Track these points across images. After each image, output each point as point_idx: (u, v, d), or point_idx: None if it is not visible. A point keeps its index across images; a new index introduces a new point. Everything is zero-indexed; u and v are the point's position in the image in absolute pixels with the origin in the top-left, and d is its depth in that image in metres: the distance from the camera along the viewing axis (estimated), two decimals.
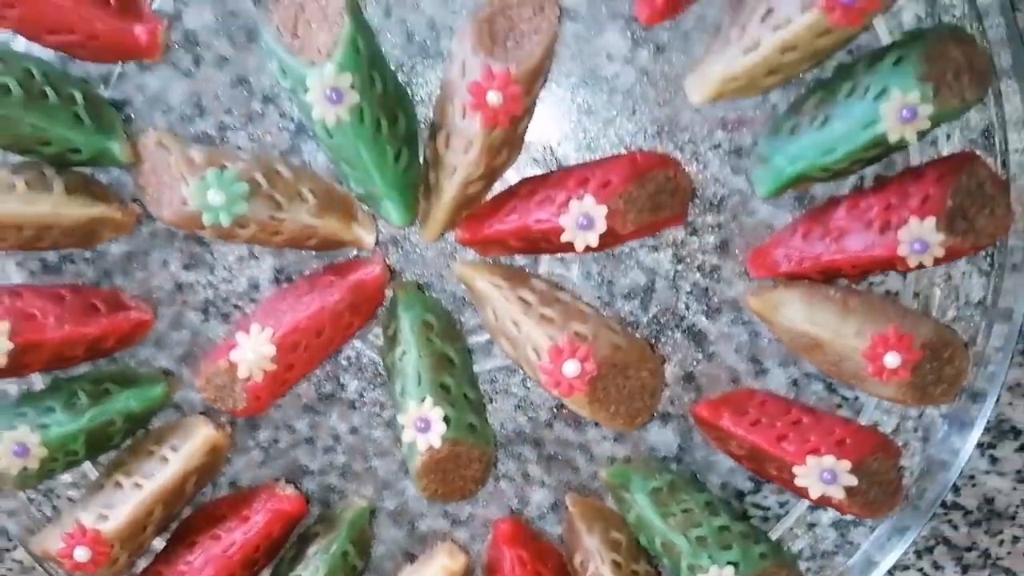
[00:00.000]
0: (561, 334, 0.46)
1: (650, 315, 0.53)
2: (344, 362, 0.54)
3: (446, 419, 0.47)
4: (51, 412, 0.50)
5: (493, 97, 0.43)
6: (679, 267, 0.52)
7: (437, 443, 0.47)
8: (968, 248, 0.45)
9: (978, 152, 0.48)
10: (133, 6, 0.47)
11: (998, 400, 0.50)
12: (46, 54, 0.49)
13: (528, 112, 0.47)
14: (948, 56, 0.43)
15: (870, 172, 0.50)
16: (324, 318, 0.48)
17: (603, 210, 0.45)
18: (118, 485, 0.51)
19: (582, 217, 0.45)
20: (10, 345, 0.47)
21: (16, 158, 0.49)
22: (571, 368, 0.45)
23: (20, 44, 0.49)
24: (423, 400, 0.47)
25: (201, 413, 0.54)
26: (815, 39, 0.44)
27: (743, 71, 0.45)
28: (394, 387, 0.50)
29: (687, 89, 0.47)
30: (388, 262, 0.51)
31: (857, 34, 0.45)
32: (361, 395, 0.54)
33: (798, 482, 0.48)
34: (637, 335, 0.52)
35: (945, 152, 0.49)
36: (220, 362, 0.48)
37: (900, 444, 0.52)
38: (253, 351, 0.47)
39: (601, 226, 0.45)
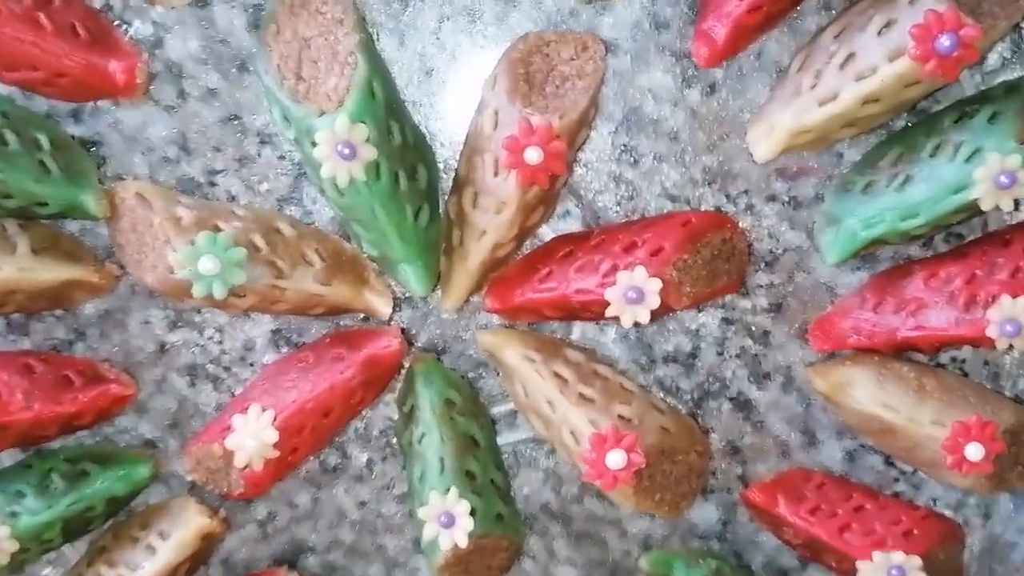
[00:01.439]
0: (603, 418, 0.41)
1: (693, 382, 0.47)
2: (351, 432, 0.48)
3: (472, 512, 0.42)
4: (22, 498, 0.44)
5: (532, 154, 0.37)
6: (727, 331, 0.47)
7: (463, 541, 0.41)
8: None
9: None
10: (107, 38, 0.41)
11: None
12: (5, 88, 0.42)
13: (569, 167, 0.41)
14: None
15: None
16: (333, 398, 0.42)
17: (656, 283, 0.39)
18: None
19: (631, 291, 0.39)
20: None
21: None
22: (616, 459, 0.40)
23: None
24: (447, 491, 0.42)
25: (190, 489, 0.48)
26: (902, 90, 0.38)
27: (817, 124, 0.40)
28: (411, 472, 0.44)
29: (750, 142, 0.42)
30: (403, 328, 0.45)
31: (945, 86, 0.40)
32: (370, 467, 0.49)
33: None
34: (679, 405, 0.47)
35: None
36: (214, 447, 0.42)
37: (961, 522, 0.47)
38: (253, 437, 0.41)
39: (654, 301, 0.39)
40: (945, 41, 0.36)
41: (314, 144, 0.37)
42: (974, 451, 0.40)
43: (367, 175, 0.38)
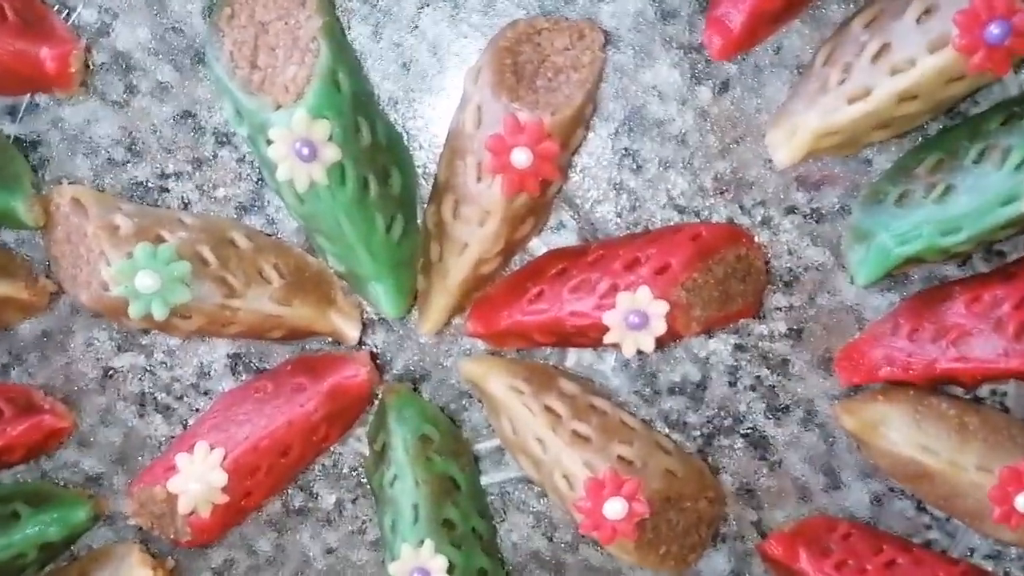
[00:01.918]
0: (601, 460, 0.36)
1: (703, 417, 0.42)
2: (318, 469, 0.43)
3: (451, 568, 0.36)
4: None
5: (520, 156, 0.32)
6: (740, 359, 0.42)
7: None
8: None
9: None
10: (41, 23, 0.36)
11: None
12: None
13: (563, 172, 0.36)
14: None
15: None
16: (292, 434, 0.37)
17: (663, 307, 0.34)
18: None
19: (634, 315, 0.34)
20: None
21: None
22: (616, 508, 0.35)
23: None
24: (421, 543, 0.36)
25: (137, 531, 0.43)
26: (943, 86, 0.34)
27: (847, 125, 0.35)
28: (383, 518, 0.39)
29: (770, 146, 0.37)
30: (372, 351, 0.40)
31: (990, 83, 0.35)
32: (339, 509, 0.44)
33: None
34: (686, 442, 0.42)
35: None
36: (156, 489, 0.37)
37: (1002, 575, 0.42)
38: (198, 480, 0.36)
39: (659, 327, 0.34)
40: (995, 29, 0.32)
41: (269, 142, 0.32)
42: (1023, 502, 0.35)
43: (330, 179, 0.33)
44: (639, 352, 0.36)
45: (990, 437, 0.37)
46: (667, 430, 0.42)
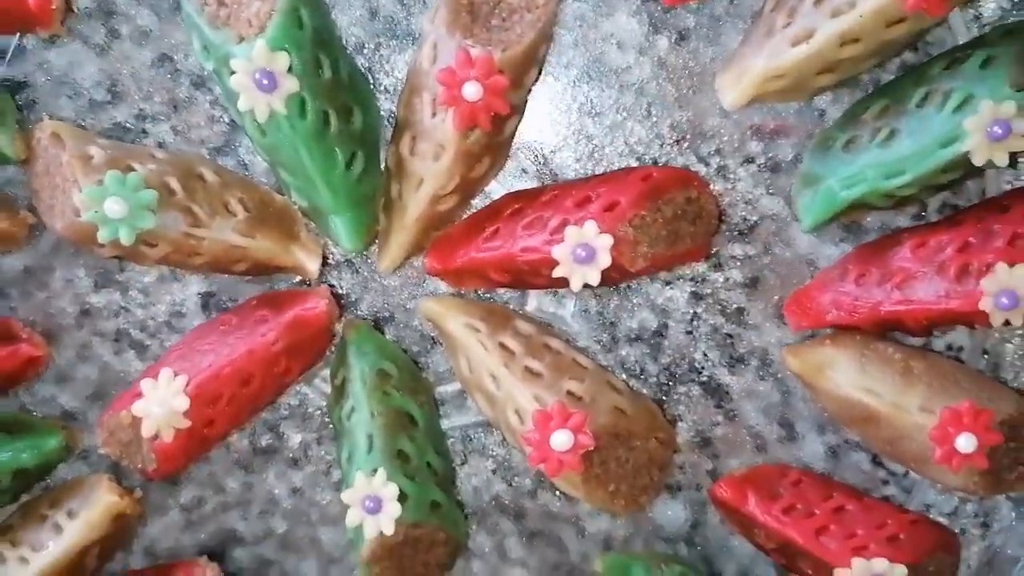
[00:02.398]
0: (550, 394, 0.37)
1: (660, 365, 0.43)
2: (285, 410, 0.44)
3: (403, 496, 0.37)
4: None
5: (471, 90, 0.34)
6: (698, 307, 0.43)
7: (389, 528, 0.37)
8: None
9: None
10: None
11: None
12: None
13: (517, 111, 0.38)
14: None
15: (936, 198, 0.41)
16: (253, 363, 0.38)
17: (608, 240, 0.35)
18: (1, 557, 0.41)
19: (580, 248, 0.35)
20: None
21: None
22: (562, 439, 0.36)
23: None
24: (374, 472, 0.37)
25: (112, 467, 0.44)
26: (884, 29, 0.35)
27: (791, 67, 0.36)
28: (341, 451, 0.40)
29: (718, 89, 0.38)
30: (338, 292, 0.42)
31: (932, 27, 0.36)
32: (305, 451, 0.45)
33: None
34: (644, 389, 0.42)
35: None
36: (123, 414, 0.38)
37: (957, 532, 0.42)
38: (160, 404, 0.37)
39: (604, 260, 0.35)
40: None
41: (232, 73, 0.34)
42: (965, 442, 0.36)
43: (289, 110, 0.35)
44: (595, 290, 0.37)
45: (935, 381, 0.38)
46: (625, 377, 0.43)
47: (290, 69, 0.34)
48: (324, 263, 0.41)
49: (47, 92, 0.42)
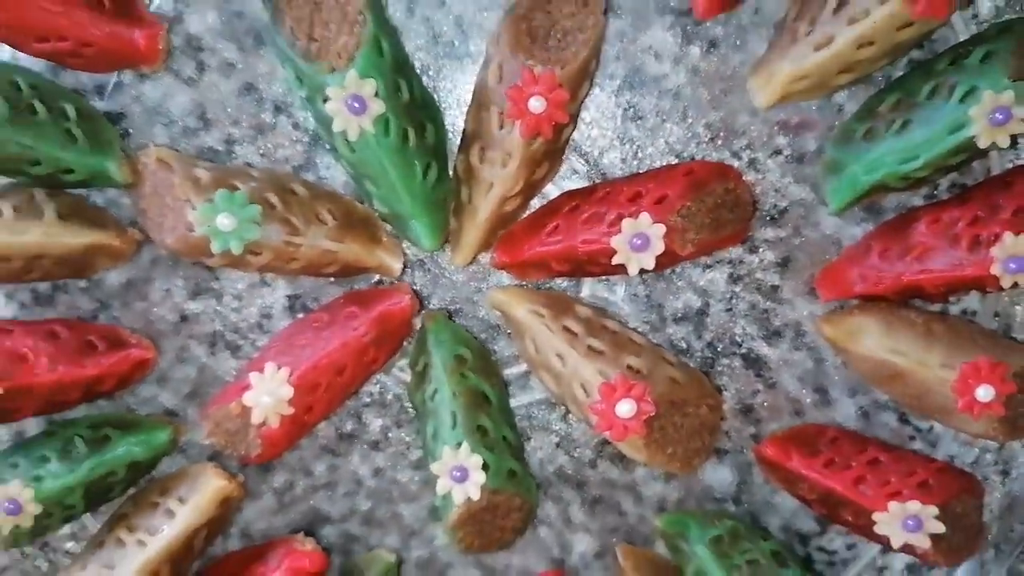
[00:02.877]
0: (613, 369, 0.41)
1: (704, 341, 0.48)
2: (366, 398, 0.49)
3: (485, 466, 0.42)
4: (45, 462, 0.45)
5: (535, 103, 0.38)
6: (736, 287, 0.47)
7: (476, 494, 0.42)
8: None
9: None
10: (130, 9, 0.43)
11: None
12: (34, 63, 0.44)
13: (572, 120, 0.42)
14: None
15: (946, 179, 0.45)
16: (346, 354, 0.43)
17: (660, 229, 0.40)
18: (120, 542, 0.46)
19: (636, 237, 0.40)
20: None
21: (3, 180, 0.44)
22: (626, 408, 0.40)
23: (5, 53, 0.44)
24: (459, 445, 0.42)
25: (210, 458, 0.49)
26: (895, 33, 0.39)
27: (814, 69, 0.40)
28: (425, 430, 0.45)
29: (751, 91, 0.43)
30: (415, 289, 0.46)
31: (936, 28, 0.40)
32: (385, 434, 0.49)
33: (878, 529, 0.43)
34: (691, 364, 0.47)
35: None
36: (231, 405, 0.43)
37: (981, 480, 0.47)
38: (269, 394, 0.42)
39: (658, 247, 0.40)
40: None
41: (326, 100, 0.39)
42: (984, 392, 0.40)
43: (376, 129, 0.39)
44: (642, 274, 0.41)
45: (953, 340, 0.42)
46: (674, 354, 0.48)
47: (376, 93, 0.39)
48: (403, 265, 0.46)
49: (143, 121, 0.47)
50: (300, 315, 0.48)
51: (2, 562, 0.50)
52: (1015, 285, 0.40)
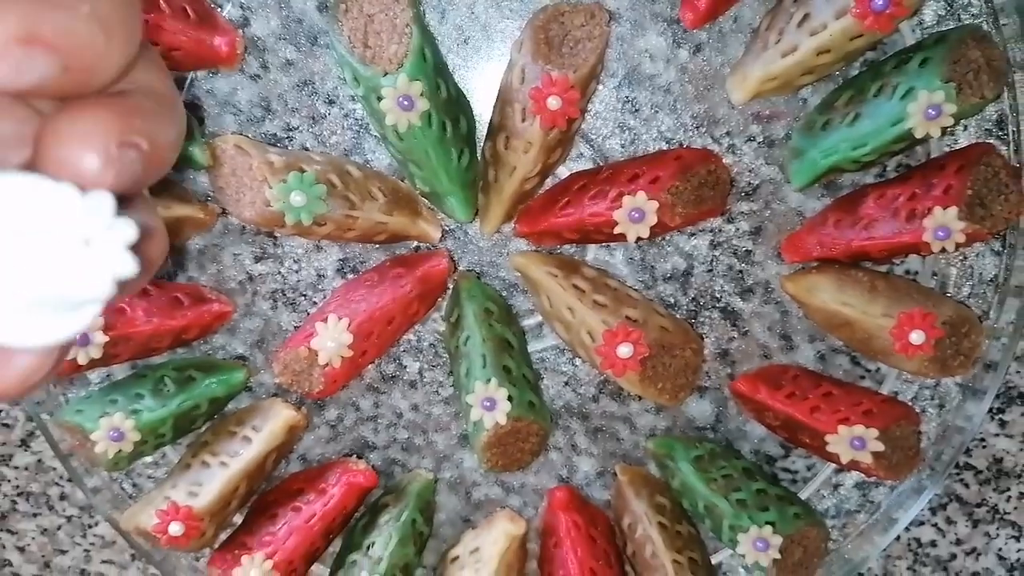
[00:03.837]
0: (614, 319, 0.51)
1: (689, 297, 0.57)
2: (405, 345, 0.58)
3: (509, 398, 0.51)
4: (140, 399, 0.54)
5: (553, 102, 0.47)
6: (715, 252, 0.56)
7: (503, 420, 0.51)
8: (986, 233, 0.50)
9: (992, 141, 0.52)
10: (210, 18, 0.50)
11: (1007, 369, 0.55)
12: None
13: (582, 113, 0.50)
14: (968, 57, 0.47)
15: (893, 160, 0.54)
16: (395, 308, 0.52)
17: (654, 204, 0.49)
18: (205, 464, 0.55)
19: (634, 211, 0.49)
20: (105, 338, 0.51)
21: None
22: (625, 350, 0.50)
23: None
24: (489, 381, 0.51)
25: (274, 395, 0.58)
26: (848, 42, 0.47)
27: (781, 72, 0.49)
28: (459, 369, 0.54)
29: (728, 89, 0.51)
30: (450, 253, 0.55)
31: (884, 38, 0.49)
32: (421, 375, 0.59)
33: (830, 449, 0.52)
34: (677, 316, 0.56)
35: (963, 142, 0.53)
36: (300, 349, 0.52)
37: (918, 411, 0.57)
38: (333, 340, 0.51)
39: (652, 219, 0.49)
40: (879, 1, 0.45)
41: (379, 98, 0.47)
42: (917, 337, 0.50)
43: (422, 122, 0.48)
44: (639, 241, 0.50)
45: (893, 294, 0.51)
46: (664, 307, 0.57)
47: (421, 93, 0.47)
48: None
49: (215, 111, 0.55)
50: (349, 276, 0.56)
51: (95, 483, 0.59)
52: (943, 250, 0.49)
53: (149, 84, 0.21)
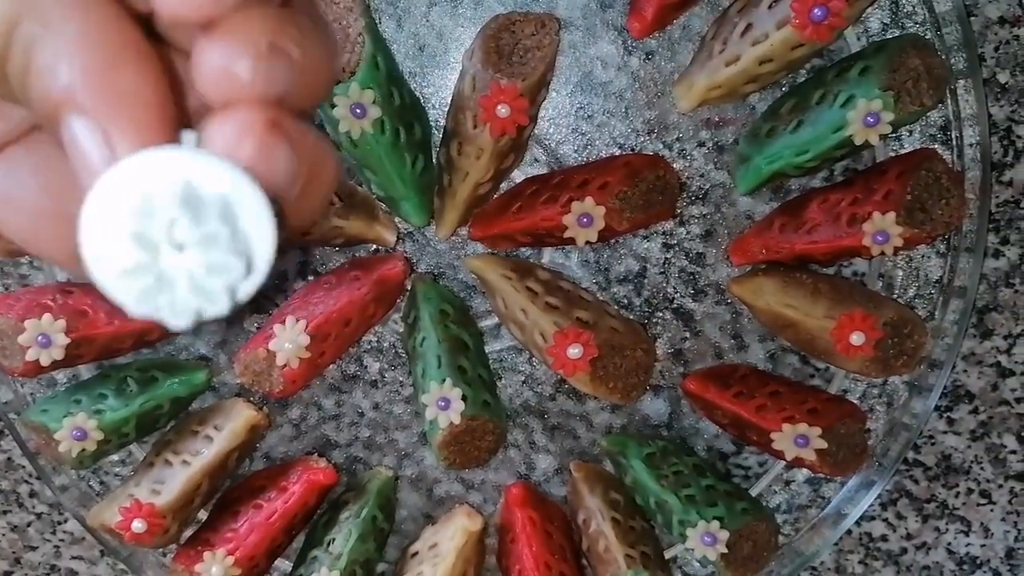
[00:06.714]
0: (565, 321, 0.52)
1: (642, 298, 0.58)
2: (367, 345, 0.59)
3: (464, 398, 0.53)
4: (104, 399, 0.55)
5: (502, 110, 0.48)
6: (668, 254, 0.57)
7: (457, 419, 0.52)
8: (926, 237, 0.51)
9: (936, 146, 0.53)
10: None
11: (953, 368, 0.57)
12: None
13: (532, 120, 0.52)
14: (908, 65, 0.48)
15: (840, 165, 0.55)
16: (352, 310, 0.53)
17: (601, 210, 0.50)
18: (167, 463, 0.56)
19: (583, 216, 0.50)
20: (66, 340, 0.52)
21: None
22: (575, 351, 0.51)
23: None
24: (443, 381, 0.53)
25: (236, 395, 0.59)
26: (789, 52, 0.49)
27: (725, 81, 0.50)
28: (415, 370, 0.55)
29: (675, 97, 0.52)
30: (407, 256, 0.56)
31: (826, 46, 0.50)
32: (382, 375, 0.60)
33: (775, 446, 0.54)
34: (631, 317, 0.58)
35: (907, 147, 0.54)
36: (259, 351, 0.53)
37: (866, 409, 0.58)
38: (290, 341, 0.52)
39: (600, 224, 0.50)
40: (818, 12, 0.47)
41: (333, 106, 0.48)
42: (856, 338, 0.51)
43: (375, 129, 0.49)
44: (588, 243, 0.51)
45: (835, 296, 0.53)
46: (617, 308, 0.58)
47: (374, 101, 0.48)
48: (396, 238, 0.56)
49: None
50: (310, 278, 0.58)
51: (63, 482, 0.60)
52: (882, 253, 0.51)
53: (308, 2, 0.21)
